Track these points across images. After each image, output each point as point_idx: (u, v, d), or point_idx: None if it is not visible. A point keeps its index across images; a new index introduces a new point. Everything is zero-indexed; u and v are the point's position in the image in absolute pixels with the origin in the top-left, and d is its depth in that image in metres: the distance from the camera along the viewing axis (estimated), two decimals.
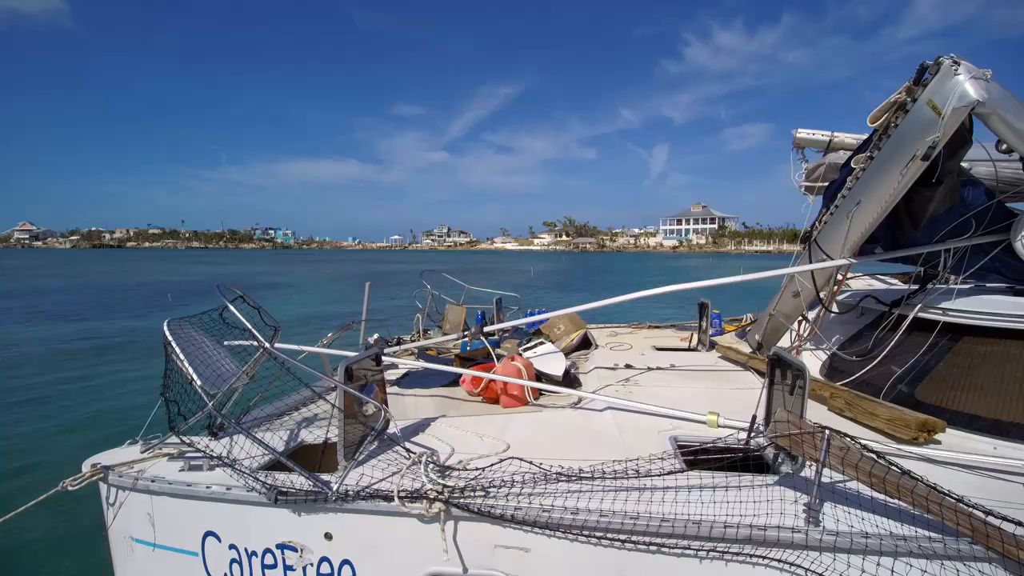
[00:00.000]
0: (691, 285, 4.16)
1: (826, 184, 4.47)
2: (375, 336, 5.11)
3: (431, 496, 2.21)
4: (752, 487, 2.26)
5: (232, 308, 2.85)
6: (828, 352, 4.19)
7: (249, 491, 2.49)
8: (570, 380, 4.13)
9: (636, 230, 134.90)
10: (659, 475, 2.20)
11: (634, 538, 2.01)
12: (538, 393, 3.80)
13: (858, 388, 3.53)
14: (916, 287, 3.89)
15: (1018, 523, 1.83)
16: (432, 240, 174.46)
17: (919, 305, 3.60)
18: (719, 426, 2.86)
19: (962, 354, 3.34)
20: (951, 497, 1.79)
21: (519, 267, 60.50)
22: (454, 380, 4.13)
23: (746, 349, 4.92)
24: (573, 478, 2.22)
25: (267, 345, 2.76)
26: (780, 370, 2.60)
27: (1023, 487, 2.45)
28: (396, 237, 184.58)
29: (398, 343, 5.31)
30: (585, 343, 5.70)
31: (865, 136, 4.03)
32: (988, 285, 3.83)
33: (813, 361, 4.22)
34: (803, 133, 5.10)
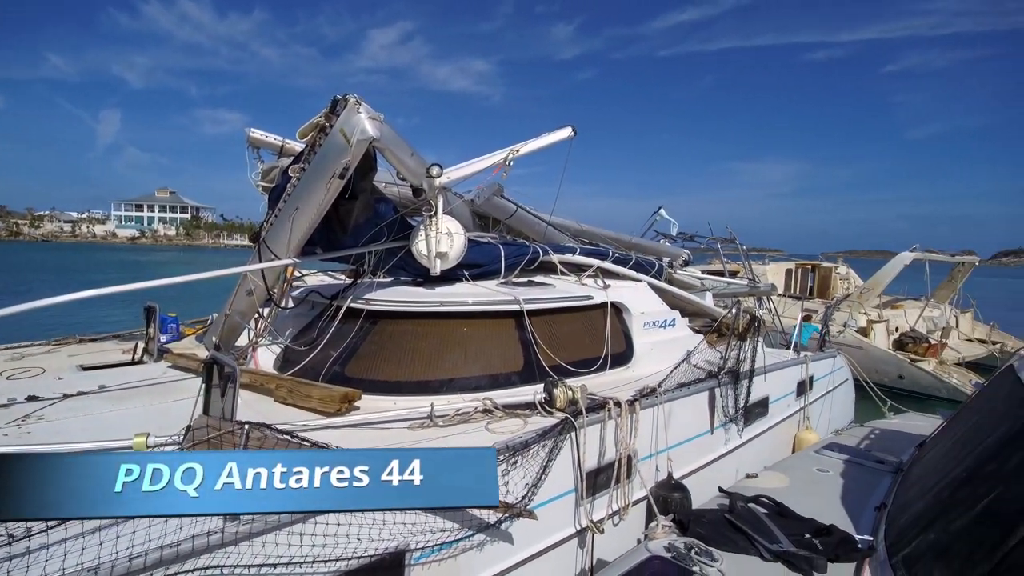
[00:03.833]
0: (137, 286, 3.56)
1: None
2: None
3: None
4: None
5: None
6: (282, 346, 4.48)
7: None
8: None
9: (75, 214, 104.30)
10: (37, 533, 1.72)
11: None
12: None
13: (304, 375, 3.93)
14: (350, 282, 4.70)
15: None
16: None
17: (350, 297, 4.35)
18: (149, 447, 2.53)
19: (378, 334, 4.26)
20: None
21: None
22: None
23: (204, 353, 4.64)
24: None
25: None
26: (217, 372, 2.54)
27: (407, 428, 3.36)
28: None
29: None
30: None
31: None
32: (401, 279, 5.04)
33: (269, 356, 4.42)
34: (257, 134, 5.24)
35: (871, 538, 2.76)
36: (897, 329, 13.38)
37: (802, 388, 6.67)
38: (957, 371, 12.39)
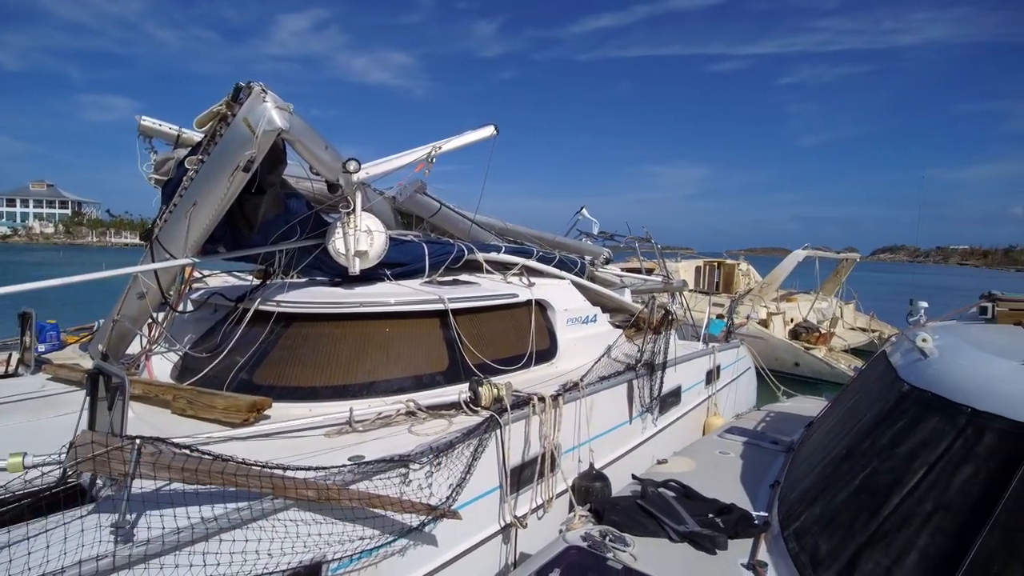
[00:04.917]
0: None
1: None
2: None
3: None
4: (57, 527, 1.89)
5: None
6: (181, 353, 4.13)
7: None
8: None
9: None
10: None
11: None
12: None
13: (207, 384, 3.64)
14: (258, 283, 4.41)
15: (308, 468, 2.34)
16: None
17: (259, 299, 4.08)
18: (26, 467, 2.25)
19: (291, 337, 4.03)
20: (256, 466, 2.09)
21: None
22: None
23: (89, 363, 4.17)
24: None
25: None
26: (104, 383, 2.30)
27: (324, 435, 3.20)
28: None
29: None
30: None
31: None
32: (316, 279, 4.79)
33: (165, 365, 4.06)
34: (148, 122, 4.77)
35: (767, 514, 3.00)
36: (792, 320, 14.67)
37: (710, 377, 7.12)
38: (844, 357, 13.80)
